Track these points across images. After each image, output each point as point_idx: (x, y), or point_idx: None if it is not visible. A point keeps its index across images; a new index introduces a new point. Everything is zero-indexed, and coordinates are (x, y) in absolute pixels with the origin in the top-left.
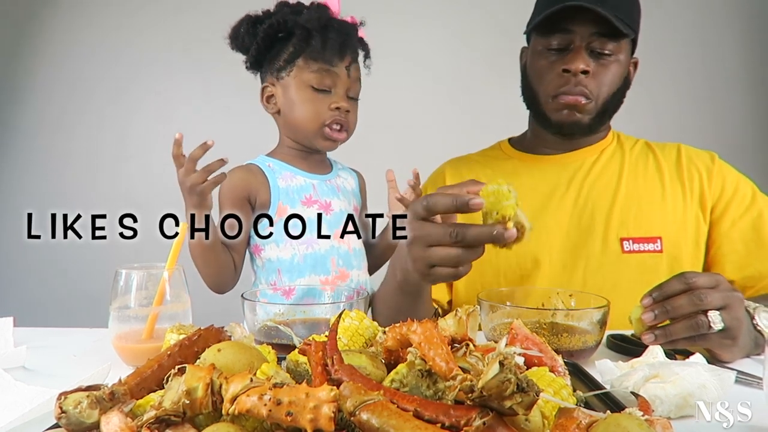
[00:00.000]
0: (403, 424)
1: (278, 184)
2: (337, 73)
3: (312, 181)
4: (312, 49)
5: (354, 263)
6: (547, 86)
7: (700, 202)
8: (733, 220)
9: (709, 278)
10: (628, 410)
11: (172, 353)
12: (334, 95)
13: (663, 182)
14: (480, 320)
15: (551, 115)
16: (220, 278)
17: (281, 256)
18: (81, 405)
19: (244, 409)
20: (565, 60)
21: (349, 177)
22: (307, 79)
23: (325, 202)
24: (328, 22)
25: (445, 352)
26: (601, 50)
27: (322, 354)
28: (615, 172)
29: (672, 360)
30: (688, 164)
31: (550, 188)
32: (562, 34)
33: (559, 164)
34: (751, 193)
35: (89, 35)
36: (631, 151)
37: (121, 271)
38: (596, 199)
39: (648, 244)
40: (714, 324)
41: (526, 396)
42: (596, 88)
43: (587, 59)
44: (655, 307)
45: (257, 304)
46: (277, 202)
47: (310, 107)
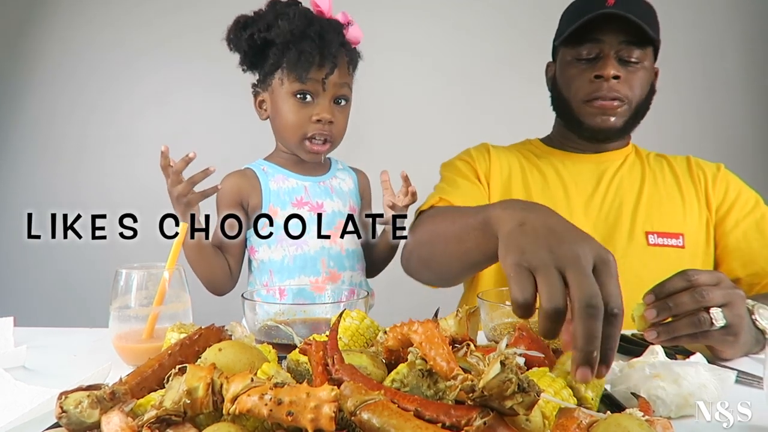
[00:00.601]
0: (404, 423)
1: (270, 187)
2: (318, 81)
3: (304, 183)
4: (289, 60)
5: (347, 264)
6: (579, 92)
7: (706, 204)
8: (736, 221)
9: (710, 276)
10: (629, 410)
11: (172, 353)
12: (317, 105)
13: (680, 185)
14: (480, 320)
15: (585, 120)
16: (213, 281)
17: (273, 257)
18: (82, 404)
19: (245, 408)
20: (596, 67)
21: (347, 177)
22: (288, 88)
23: (317, 204)
24: (306, 30)
25: (446, 352)
26: (628, 58)
27: (322, 354)
28: (638, 175)
29: (672, 360)
30: (697, 170)
31: (582, 183)
32: (592, 43)
33: (590, 162)
34: (754, 199)
35: (89, 35)
36: (647, 159)
37: (121, 271)
38: (623, 196)
39: (671, 239)
40: (716, 321)
41: (527, 396)
42: (628, 91)
43: (617, 65)
44: (657, 304)
45: (257, 304)
46: (268, 204)
47: (292, 117)
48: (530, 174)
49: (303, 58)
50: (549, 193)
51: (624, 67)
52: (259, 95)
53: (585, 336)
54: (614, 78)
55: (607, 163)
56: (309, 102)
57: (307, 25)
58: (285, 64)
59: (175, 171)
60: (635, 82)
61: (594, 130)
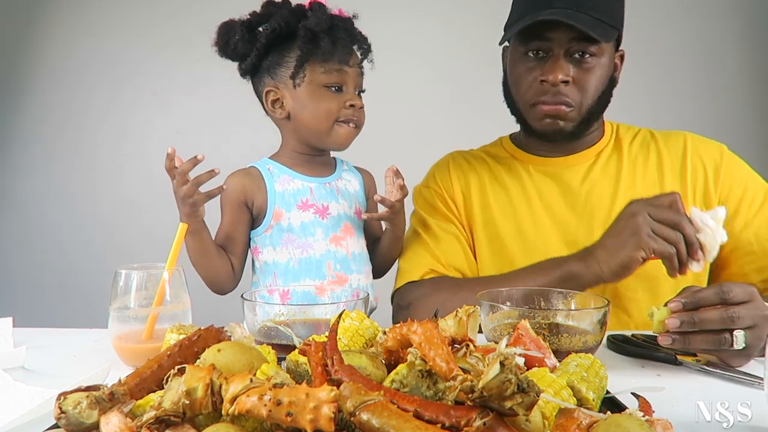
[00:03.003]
0: (404, 424)
1: (275, 188)
2: (347, 72)
3: (310, 185)
4: (322, 50)
5: (353, 267)
6: (526, 94)
7: (704, 200)
8: (746, 221)
9: (744, 293)
10: (629, 410)
11: (171, 353)
12: (346, 93)
13: (663, 180)
14: (480, 320)
15: (532, 123)
16: (216, 281)
17: (277, 260)
18: (81, 405)
19: (244, 409)
20: (543, 70)
21: (353, 178)
22: (319, 79)
23: (322, 206)
24: (333, 21)
25: (446, 353)
26: (581, 55)
27: (322, 354)
28: (612, 174)
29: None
30: (693, 157)
31: (547, 196)
32: (540, 41)
33: (555, 167)
34: (763, 192)
35: (88, 36)
36: (630, 147)
37: (121, 271)
38: (593, 206)
39: None
40: (737, 343)
41: (527, 396)
42: (578, 95)
43: (566, 67)
44: (683, 315)
45: (257, 305)
46: (273, 206)
47: (324, 107)
48: (491, 191)
49: (339, 44)
50: (512, 209)
51: (577, 65)
52: (270, 94)
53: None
54: (563, 83)
55: (575, 168)
56: (338, 92)
57: (332, 17)
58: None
59: (181, 172)
60: (587, 83)
61: (541, 133)
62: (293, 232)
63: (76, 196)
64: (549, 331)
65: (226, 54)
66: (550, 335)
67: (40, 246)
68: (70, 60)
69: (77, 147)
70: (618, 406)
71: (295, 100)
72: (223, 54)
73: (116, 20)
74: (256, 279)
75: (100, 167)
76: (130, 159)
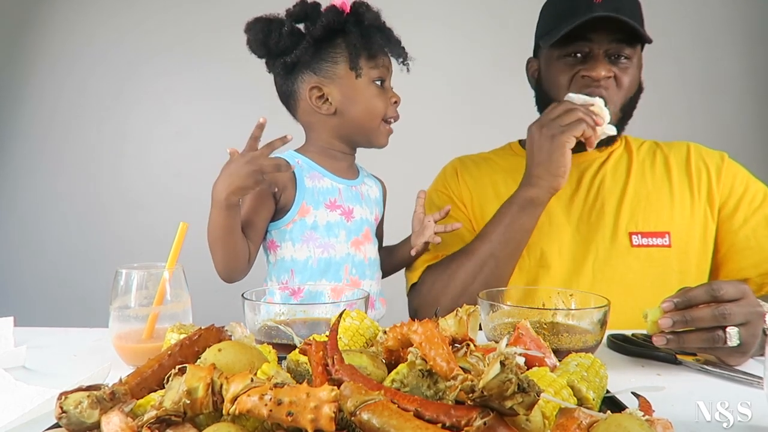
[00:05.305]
0: (404, 424)
1: (305, 183)
2: (390, 69)
3: (338, 186)
4: (377, 46)
5: (367, 273)
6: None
7: (708, 199)
8: (745, 218)
9: (735, 290)
10: (629, 410)
11: (172, 353)
12: (388, 89)
13: (671, 179)
14: (480, 320)
15: None
16: (233, 265)
17: (296, 257)
18: (81, 405)
19: (245, 409)
20: (586, 67)
21: (373, 185)
22: (372, 75)
23: (348, 209)
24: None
25: (446, 352)
26: (619, 56)
27: (322, 354)
28: (623, 171)
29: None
30: (697, 161)
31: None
32: (581, 42)
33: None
34: (762, 193)
35: (88, 35)
36: (638, 151)
37: (121, 271)
38: (605, 196)
39: (656, 238)
40: (730, 341)
41: (527, 396)
42: (615, 93)
43: (608, 65)
44: (675, 315)
45: (257, 304)
46: (302, 201)
47: (376, 103)
48: (504, 186)
49: (393, 41)
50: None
51: (614, 65)
52: (315, 91)
53: None
54: (605, 78)
55: (587, 163)
56: (383, 87)
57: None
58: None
59: (253, 138)
60: (624, 82)
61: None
62: (317, 230)
63: (76, 196)
64: (549, 331)
65: (267, 49)
66: (550, 335)
67: (40, 246)
68: (70, 60)
69: (77, 147)
70: (618, 406)
71: (345, 95)
72: (261, 49)
73: (116, 20)
74: (268, 274)
75: (100, 167)
76: (130, 159)
